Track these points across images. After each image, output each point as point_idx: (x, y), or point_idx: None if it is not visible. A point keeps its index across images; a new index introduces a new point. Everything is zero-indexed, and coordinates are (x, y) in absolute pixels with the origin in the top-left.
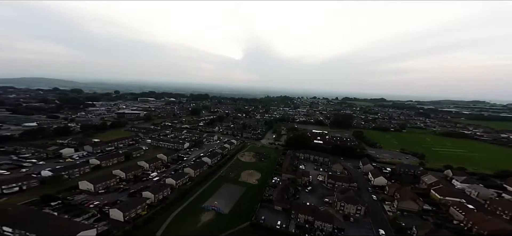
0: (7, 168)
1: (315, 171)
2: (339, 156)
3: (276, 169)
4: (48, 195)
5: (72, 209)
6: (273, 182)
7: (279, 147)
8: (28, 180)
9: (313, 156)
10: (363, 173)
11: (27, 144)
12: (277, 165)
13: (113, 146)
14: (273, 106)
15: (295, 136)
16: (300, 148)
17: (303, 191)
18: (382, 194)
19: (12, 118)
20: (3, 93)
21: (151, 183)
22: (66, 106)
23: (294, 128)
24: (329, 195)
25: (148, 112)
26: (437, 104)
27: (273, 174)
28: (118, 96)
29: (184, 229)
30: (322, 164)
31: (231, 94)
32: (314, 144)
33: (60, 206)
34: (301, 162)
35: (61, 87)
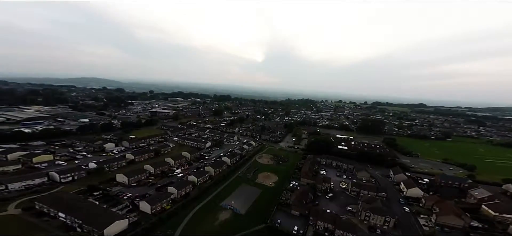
0: (65, 159)
1: (337, 178)
2: (365, 164)
3: (295, 173)
4: (93, 185)
5: (110, 199)
6: (290, 186)
7: (299, 150)
8: (78, 171)
9: (336, 161)
10: (393, 183)
11: (80, 138)
12: (295, 169)
13: (145, 142)
14: (294, 109)
15: (316, 140)
16: (322, 153)
17: (323, 198)
18: (417, 206)
19: (72, 114)
20: (67, 92)
21: (176, 179)
22: (111, 104)
23: (316, 132)
24: (352, 204)
25: (176, 111)
26: (495, 112)
27: (291, 178)
28: (152, 95)
29: (203, 226)
30: (345, 171)
31: (251, 96)
32: (338, 149)
33: (101, 196)
34: (322, 168)
35: (109, 86)
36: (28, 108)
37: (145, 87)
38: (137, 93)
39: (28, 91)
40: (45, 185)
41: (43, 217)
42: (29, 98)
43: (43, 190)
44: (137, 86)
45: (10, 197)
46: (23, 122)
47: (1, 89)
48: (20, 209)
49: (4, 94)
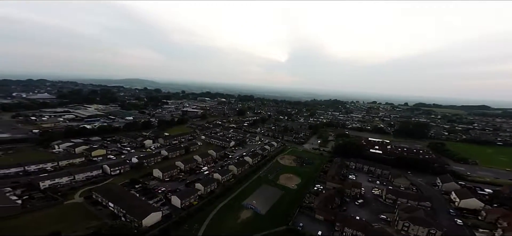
0: (115, 154)
1: (369, 183)
2: (404, 170)
3: (320, 176)
4: (134, 179)
5: (147, 192)
6: (315, 189)
7: (325, 153)
8: (124, 165)
9: (367, 166)
10: (441, 192)
11: (126, 134)
12: (321, 172)
13: (177, 140)
14: (319, 110)
15: (345, 143)
16: (351, 156)
17: (352, 204)
18: (474, 219)
19: (120, 112)
20: (117, 92)
21: (202, 176)
22: (150, 103)
23: (345, 134)
24: (387, 212)
25: (204, 111)
26: None
27: (315, 181)
28: (184, 95)
29: (226, 223)
30: (379, 176)
31: (273, 96)
32: (370, 153)
33: (140, 189)
34: (351, 172)
35: (148, 87)
36: (90, 107)
37: (177, 87)
38: (171, 93)
39: (90, 91)
40: (99, 176)
41: (98, 206)
42: (90, 98)
43: (98, 181)
44: (171, 87)
45: (76, 186)
46: (86, 118)
47: (72, 89)
48: (83, 197)
49: (74, 94)
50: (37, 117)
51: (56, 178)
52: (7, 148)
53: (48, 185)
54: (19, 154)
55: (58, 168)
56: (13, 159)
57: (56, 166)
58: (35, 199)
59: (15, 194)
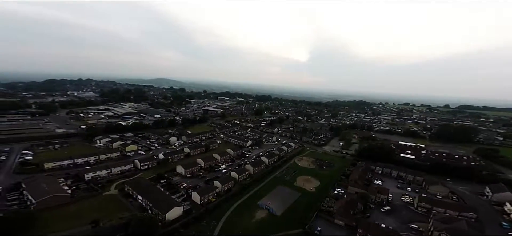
0: (144, 150)
1: (398, 190)
2: (443, 177)
3: (341, 180)
4: (160, 174)
5: (171, 187)
6: (335, 193)
7: (347, 156)
8: (151, 161)
9: (397, 171)
10: (491, 203)
11: (154, 131)
12: (342, 175)
13: (198, 138)
14: (342, 112)
15: (371, 146)
16: (378, 160)
17: (378, 210)
18: None
19: (150, 110)
20: (147, 91)
21: (221, 174)
22: (175, 102)
23: (371, 137)
24: (418, 221)
25: (223, 110)
26: None
27: (336, 185)
28: (205, 95)
29: (242, 222)
30: (411, 183)
31: (292, 96)
32: (401, 157)
33: (165, 184)
34: (376, 177)
35: (174, 86)
36: (125, 105)
37: (200, 86)
38: (194, 92)
39: (125, 90)
40: (131, 170)
41: (129, 198)
42: (126, 96)
43: (130, 174)
44: (194, 86)
45: (112, 179)
46: (122, 116)
47: (111, 89)
48: (117, 190)
49: (113, 93)
50: (84, 114)
51: (97, 170)
52: (63, 141)
53: (91, 177)
54: (71, 148)
55: (99, 161)
56: (67, 152)
57: (97, 159)
58: (81, 190)
59: (66, 184)
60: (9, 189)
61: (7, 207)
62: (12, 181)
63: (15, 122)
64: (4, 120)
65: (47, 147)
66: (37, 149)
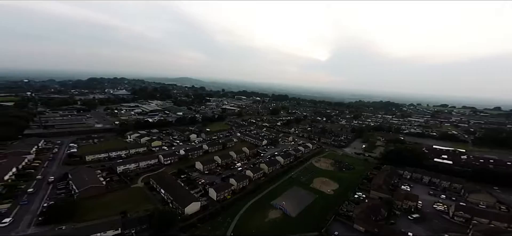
0: (167, 145)
1: (430, 197)
2: (489, 185)
3: (362, 184)
4: (181, 169)
5: (190, 182)
6: (355, 197)
7: (371, 159)
8: (173, 156)
9: (429, 177)
10: None
11: (176, 128)
12: (364, 179)
13: (216, 135)
14: (366, 113)
15: (399, 149)
16: (406, 164)
17: (404, 218)
18: None
19: (173, 108)
20: (171, 90)
21: (236, 172)
22: (196, 100)
23: (399, 140)
24: (454, 232)
25: (240, 109)
26: None
27: (356, 189)
28: (223, 94)
29: (255, 220)
30: (446, 190)
31: (311, 96)
32: (435, 162)
33: (185, 179)
34: (404, 182)
35: (195, 85)
36: (152, 102)
37: (219, 85)
38: (213, 91)
39: (152, 89)
40: (156, 165)
41: (153, 191)
42: (152, 94)
43: (154, 169)
44: (213, 85)
45: (140, 172)
46: (149, 112)
47: (140, 87)
48: (143, 183)
49: (142, 91)
50: (118, 110)
51: (127, 164)
52: (100, 136)
53: (122, 170)
54: (106, 142)
55: (129, 155)
56: (103, 146)
57: (127, 153)
58: (113, 181)
59: (102, 176)
60: (59, 179)
61: (57, 195)
62: (61, 171)
63: (65, 117)
64: (57, 115)
65: (88, 140)
66: (80, 142)
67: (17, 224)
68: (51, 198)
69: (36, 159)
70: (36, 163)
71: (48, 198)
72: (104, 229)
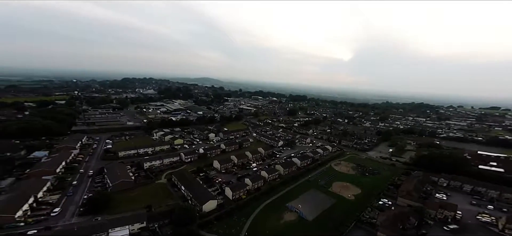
0: (188, 144)
1: (473, 207)
2: None
3: (388, 190)
4: (200, 167)
5: (208, 181)
6: (380, 203)
7: (399, 164)
8: (193, 154)
9: (472, 186)
10: None
11: (197, 127)
12: (390, 185)
13: (233, 135)
14: (395, 115)
15: (434, 154)
16: (443, 171)
17: (439, 228)
18: None
19: (194, 107)
20: (193, 89)
21: (252, 172)
22: (215, 100)
23: (434, 144)
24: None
25: (256, 109)
26: None
27: (381, 195)
28: (241, 94)
29: (269, 222)
30: (494, 200)
31: (331, 97)
32: (480, 170)
33: (203, 177)
34: (439, 190)
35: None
36: (175, 101)
37: (236, 85)
38: (231, 91)
39: (176, 88)
40: (177, 162)
41: (175, 187)
42: (176, 94)
43: (176, 166)
44: (231, 85)
45: (163, 169)
46: (173, 111)
47: (166, 87)
48: (166, 179)
49: (167, 91)
50: (146, 109)
51: (153, 160)
52: (131, 133)
53: (148, 166)
54: (136, 139)
55: (154, 152)
56: (133, 143)
57: (153, 150)
58: (141, 177)
59: (131, 171)
60: (97, 173)
61: (94, 188)
62: (99, 166)
63: (103, 115)
64: (97, 113)
65: (121, 137)
66: (115, 139)
67: (64, 214)
68: (90, 191)
69: (80, 153)
70: (80, 158)
71: (87, 190)
72: (132, 222)
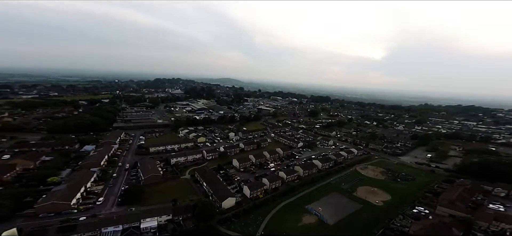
0: (210, 142)
1: None
2: None
3: (425, 197)
4: (220, 165)
5: (227, 178)
6: (414, 212)
7: (439, 170)
8: (214, 153)
9: None
10: None
11: (218, 126)
12: (427, 192)
13: (251, 135)
14: (436, 118)
15: (487, 162)
16: (500, 180)
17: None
18: None
19: (216, 106)
20: (215, 89)
21: (269, 172)
22: (235, 100)
23: (488, 150)
24: None
25: (275, 109)
26: None
27: (416, 202)
28: (260, 94)
29: (287, 223)
30: None
31: (358, 98)
32: None
33: (223, 175)
34: (493, 200)
35: (235, 85)
36: (200, 101)
37: (256, 86)
38: (251, 91)
39: (200, 88)
40: (200, 159)
41: (197, 183)
42: (200, 94)
43: (199, 163)
44: (251, 85)
45: (187, 165)
46: (197, 110)
47: (191, 87)
48: (189, 175)
49: (192, 90)
50: (174, 108)
51: (179, 157)
52: (160, 130)
53: (174, 162)
54: (164, 136)
55: (180, 149)
56: (162, 140)
57: (179, 147)
58: (168, 172)
59: (160, 166)
60: (132, 167)
61: (130, 181)
62: (133, 160)
63: (138, 113)
64: (133, 111)
65: (152, 134)
66: (147, 135)
67: (106, 203)
68: (126, 183)
69: (119, 148)
70: (119, 152)
71: (124, 182)
72: (160, 214)
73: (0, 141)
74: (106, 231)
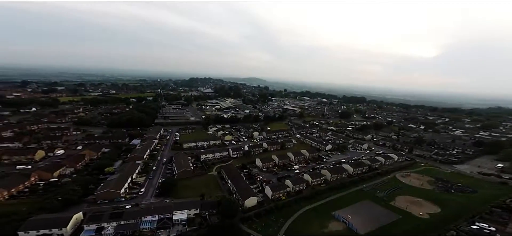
0: (235, 140)
1: None
2: None
3: (491, 213)
4: (244, 164)
5: (250, 177)
6: (473, 228)
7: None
8: (239, 151)
9: None
10: None
11: (243, 125)
12: (494, 206)
13: (275, 135)
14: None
15: None
16: None
17: None
18: None
19: (242, 106)
20: (242, 89)
21: (293, 174)
22: (260, 100)
23: None
24: None
25: (301, 110)
26: None
27: (477, 218)
28: (285, 94)
29: (311, 229)
30: None
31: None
32: None
33: (246, 173)
34: None
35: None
36: (227, 100)
37: (281, 86)
38: (276, 91)
39: (228, 87)
40: (226, 157)
41: (223, 180)
42: (228, 93)
43: (225, 160)
44: (276, 85)
45: (215, 162)
46: (225, 109)
47: (220, 86)
48: (216, 172)
49: (221, 89)
50: (204, 106)
51: (207, 154)
52: (193, 127)
53: (203, 158)
54: (196, 133)
55: (209, 146)
56: (194, 136)
57: (208, 144)
58: (198, 167)
59: (191, 162)
60: (168, 161)
61: (166, 174)
62: (169, 155)
63: (174, 110)
64: (171, 108)
65: (186, 130)
66: (181, 132)
67: (146, 193)
68: (163, 176)
69: (159, 143)
70: (158, 147)
71: (161, 175)
72: (189, 208)
73: (76, 133)
74: (145, 219)
